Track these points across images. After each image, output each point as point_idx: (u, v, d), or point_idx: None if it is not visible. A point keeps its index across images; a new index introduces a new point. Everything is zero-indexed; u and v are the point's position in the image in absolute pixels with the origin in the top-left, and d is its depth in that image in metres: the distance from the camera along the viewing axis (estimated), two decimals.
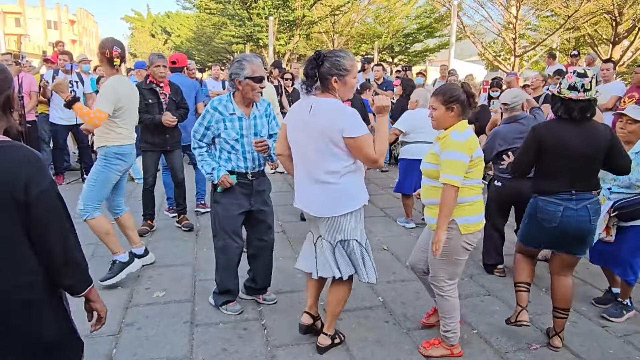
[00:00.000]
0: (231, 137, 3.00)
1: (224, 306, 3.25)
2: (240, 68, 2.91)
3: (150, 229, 4.79)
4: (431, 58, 27.03)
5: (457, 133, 2.58)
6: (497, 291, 3.67)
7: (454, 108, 2.61)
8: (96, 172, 3.56)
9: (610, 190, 3.20)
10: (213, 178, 3.03)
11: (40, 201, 1.46)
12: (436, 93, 2.68)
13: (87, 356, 2.69)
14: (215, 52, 30.81)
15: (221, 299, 3.25)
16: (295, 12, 20.47)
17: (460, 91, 2.63)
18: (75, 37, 56.86)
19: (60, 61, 6.61)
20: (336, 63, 2.45)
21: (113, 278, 3.52)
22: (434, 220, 2.61)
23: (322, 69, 2.47)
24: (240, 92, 2.98)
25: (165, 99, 4.53)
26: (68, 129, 6.79)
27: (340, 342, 2.86)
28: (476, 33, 18.16)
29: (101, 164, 3.56)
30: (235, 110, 3.00)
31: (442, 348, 2.80)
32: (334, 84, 2.47)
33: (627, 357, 2.86)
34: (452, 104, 2.60)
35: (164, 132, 4.54)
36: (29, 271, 1.50)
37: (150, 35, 47.57)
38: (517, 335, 3.04)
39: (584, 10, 14.91)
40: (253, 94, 2.96)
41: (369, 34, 24.52)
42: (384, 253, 4.43)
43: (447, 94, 2.62)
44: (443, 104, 2.62)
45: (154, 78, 4.48)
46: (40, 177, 1.46)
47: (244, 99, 3.00)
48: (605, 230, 3.17)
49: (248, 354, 2.77)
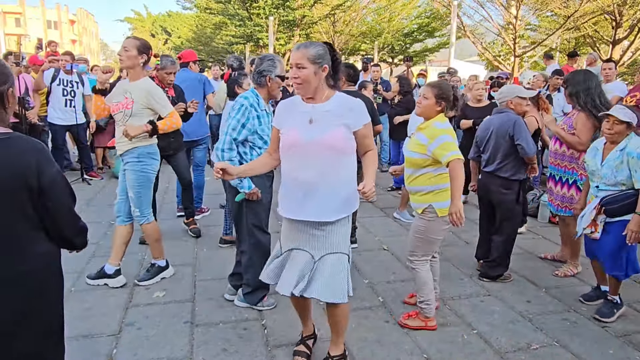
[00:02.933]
0: (265, 133, 3.05)
1: (260, 303, 3.26)
2: (272, 66, 3.05)
3: None
4: (431, 58, 27.04)
5: (440, 123, 2.90)
6: (497, 291, 3.67)
7: (442, 104, 2.93)
8: (136, 177, 3.44)
9: (598, 188, 3.22)
10: (242, 186, 2.97)
11: (52, 186, 1.59)
12: (432, 85, 3.01)
13: (87, 356, 2.71)
14: (215, 52, 30.80)
15: (258, 295, 3.24)
16: (295, 12, 20.47)
17: (451, 92, 2.95)
18: (75, 37, 56.90)
19: (62, 61, 6.60)
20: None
21: (150, 280, 3.64)
22: (419, 205, 2.97)
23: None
24: (266, 88, 3.08)
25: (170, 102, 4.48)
26: (66, 129, 6.78)
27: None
28: (476, 33, 18.17)
29: (137, 168, 3.44)
30: (265, 107, 3.10)
31: (418, 320, 3.08)
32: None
33: (627, 357, 2.86)
34: (441, 100, 2.92)
35: (168, 135, 4.32)
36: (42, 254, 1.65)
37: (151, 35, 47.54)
38: (517, 335, 3.05)
39: (584, 10, 14.91)
40: (277, 91, 3.14)
41: (369, 32, 24.52)
42: (384, 253, 4.43)
43: (442, 90, 2.93)
44: (435, 96, 2.92)
45: (161, 82, 4.35)
46: (49, 164, 1.59)
47: (268, 95, 3.12)
48: (591, 226, 3.20)
49: (248, 354, 2.77)
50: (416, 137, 2.97)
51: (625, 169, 3.07)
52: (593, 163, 3.25)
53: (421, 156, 2.90)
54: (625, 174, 3.07)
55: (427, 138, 2.86)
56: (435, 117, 2.94)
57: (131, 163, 3.44)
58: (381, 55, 24.03)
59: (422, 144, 2.88)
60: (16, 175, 1.52)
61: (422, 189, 2.95)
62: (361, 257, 4.28)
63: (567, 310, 3.41)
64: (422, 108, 2.97)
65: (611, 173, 3.12)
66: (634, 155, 3.01)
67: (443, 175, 2.90)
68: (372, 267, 4.09)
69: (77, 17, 59.60)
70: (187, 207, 4.85)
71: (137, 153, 3.44)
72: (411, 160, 2.97)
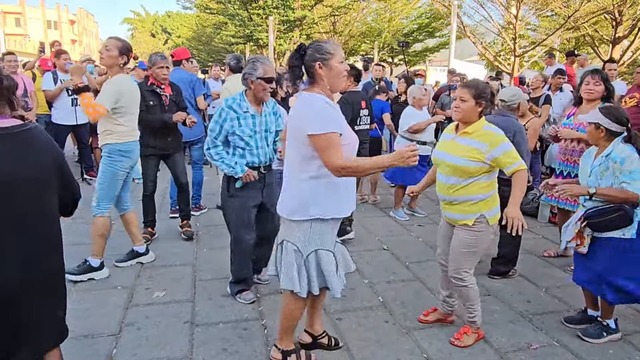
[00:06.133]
0: (245, 134, 3.14)
1: (239, 295, 3.40)
2: (253, 69, 3.10)
3: (151, 236, 4.60)
4: (431, 58, 27.04)
5: (494, 128, 2.71)
6: (497, 291, 3.67)
7: (482, 103, 2.70)
8: (103, 171, 3.65)
9: (585, 198, 2.98)
10: (236, 172, 3.15)
11: (65, 161, 2.01)
12: (468, 86, 2.75)
13: (87, 356, 2.71)
14: (215, 52, 30.82)
15: (236, 287, 3.43)
16: (295, 13, 20.47)
17: (489, 89, 2.73)
18: (75, 37, 56.87)
19: (60, 60, 6.60)
20: (318, 48, 2.31)
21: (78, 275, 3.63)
22: (468, 216, 2.73)
23: (305, 58, 2.32)
24: (251, 91, 3.15)
25: (167, 100, 4.40)
26: (69, 129, 6.79)
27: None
28: (476, 33, 18.16)
29: (106, 162, 3.64)
30: (249, 109, 3.16)
31: (473, 334, 2.92)
32: (319, 70, 2.29)
33: (627, 357, 2.86)
34: (481, 100, 2.69)
35: (167, 135, 4.39)
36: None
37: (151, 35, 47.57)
38: (517, 335, 3.05)
39: (584, 10, 14.91)
40: (263, 93, 3.15)
41: (369, 32, 24.51)
42: (384, 253, 4.43)
43: (480, 88, 2.70)
44: (474, 97, 2.69)
45: (155, 79, 4.32)
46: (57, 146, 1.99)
47: (255, 97, 3.17)
48: (576, 239, 2.95)
49: (248, 354, 2.77)
50: (463, 142, 2.71)
51: (610, 177, 2.83)
52: (583, 169, 3.05)
53: (477, 164, 2.65)
54: (610, 182, 2.83)
55: (485, 144, 2.63)
56: (479, 120, 2.72)
57: (104, 157, 3.65)
58: (381, 55, 24.02)
59: (477, 150, 2.64)
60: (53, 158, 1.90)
61: (472, 199, 2.72)
62: (361, 257, 4.28)
63: (567, 310, 3.40)
64: (462, 112, 2.71)
65: (596, 180, 2.90)
66: (617, 159, 2.79)
67: (494, 182, 2.77)
68: (372, 267, 4.09)
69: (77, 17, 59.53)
70: (182, 210, 4.80)
71: (108, 149, 3.63)
72: (461, 168, 2.68)
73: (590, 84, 3.80)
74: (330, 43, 2.35)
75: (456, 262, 2.81)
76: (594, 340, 2.99)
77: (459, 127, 2.82)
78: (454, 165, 2.71)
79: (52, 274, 1.96)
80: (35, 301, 1.86)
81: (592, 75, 3.82)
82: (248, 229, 3.29)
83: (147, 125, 4.18)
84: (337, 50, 2.33)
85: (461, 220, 2.77)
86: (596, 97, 3.80)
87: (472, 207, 2.71)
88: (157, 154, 4.46)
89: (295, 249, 2.42)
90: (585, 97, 3.85)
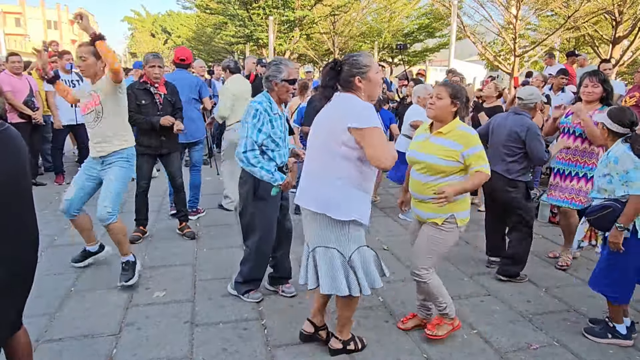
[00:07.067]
0: (277, 136, 3.12)
1: (246, 294, 3.38)
2: (278, 71, 3.11)
3: (143, 235, 4.59)
4: (431, 58, 27.03)
5: (468, 128, 2.75)
6: (497, 291, 3.67)
7: (457, 104, 2.75)
8: (123, 177, 3.57)
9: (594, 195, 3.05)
10: (275, 180, 3.03)
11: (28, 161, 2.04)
12: (446, 85, 2.81)
13: (87, 356, 2.71)
14: (215, 52, 30.82)
15: (244, 287, 3.39)
16: (295, 13, 20.46)
17: (465, 93, 2.78)
18: (75, 37, 56.76)
19: (62, 60, 6.59)
20: (354, 62, 2.44)
21: (132, 279, 3.53)
22: (439, 215, 2.74)
23: (342, 75, 2.45)
24: (275, 93, 3.16)
25: (160, 99, 4.34)
26: (69, 129, 6.78)
27: (355, 350, 2.78)
28: (476, 33, 18.15)
29: (126, 166, 3.60)
30: (277, 110, 3.16)
31: (446, 325, 2.93)
32: (359, 83, 2.44)
33: (627, 357, 2.86)
34: (457, 100, 2.74)
35: (160, 135, 4.35)
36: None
37: (151, 35, 47.53)
38: (517, 335, 3.05)
39: (584, 10, 14.91)
40: (287, 95, 3.20)
41: (369, 32, 24.50)
42: (384, 253, 4.43)
43: (457, 89, 2.77)
44: (450, 96, 2.73)
45: (148, 78, 4.29)
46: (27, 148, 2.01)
47: (279, 99, 3.19)
48: (588, 237, 3.03)
49: (248, 354, 2.77)
50: (438, 142, 2.74)
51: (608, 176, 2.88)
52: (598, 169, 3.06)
53: (452, 163, 2.69)
54: (607, 179, 2.89)
55: (459, 144, 2.67)
56: (452, 119, 2.76)
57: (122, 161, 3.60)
58: (381, 55, 24.02)
59: (453, 150, 2.68)
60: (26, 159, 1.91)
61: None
62: None
63: (567, 310, 3.40)
64: (435, 109, 2.74)
65: (598, 178, 2.97)
66: (612, 158, 2.83)
67: None
68: None
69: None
70: (179, 211, 4.77)
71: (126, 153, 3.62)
72: (436, 167, 2.71)
73: (588, 87, 3.81)
74: (364, 55, 2.49)
75: (417, 258, 2.84)
76: (596, 339, 2.99)
77: (433, 126, 2.84)
78: (427, 164, 2.75)
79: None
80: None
81: (589, 77, 3.82)
82: (274, 231, 3.31)
83: (135, 126, 4.16)
84: (372, 62, 2.48)
85: (431, 219, 2.79)
86: (595, 98, 3.81)
87: (444, 207, 2.69)
88: (151, 153, 4.44)
89: (337, 252, 2.52)
90: (584, 99, 3.86)
